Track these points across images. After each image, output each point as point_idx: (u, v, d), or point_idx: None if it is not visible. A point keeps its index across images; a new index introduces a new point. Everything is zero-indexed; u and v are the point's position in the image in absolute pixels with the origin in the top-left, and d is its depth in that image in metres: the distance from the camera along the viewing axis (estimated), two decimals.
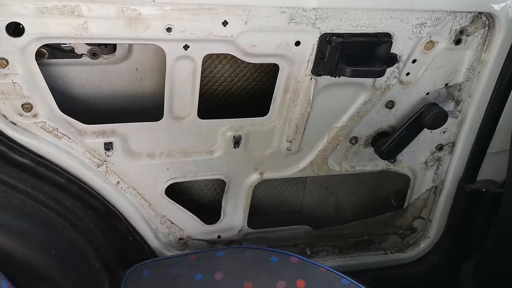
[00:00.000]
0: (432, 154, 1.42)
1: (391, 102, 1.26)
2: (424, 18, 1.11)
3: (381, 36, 1.10)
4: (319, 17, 1.05)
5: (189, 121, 1.17)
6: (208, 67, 1.22)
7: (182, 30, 1.00)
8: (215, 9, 0.99)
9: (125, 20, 0.96)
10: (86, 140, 1.12)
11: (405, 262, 1.62)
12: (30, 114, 1.04)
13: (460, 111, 1.32)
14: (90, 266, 1.10)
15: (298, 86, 1.16)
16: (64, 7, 0.91)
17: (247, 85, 1.28)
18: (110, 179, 1.19)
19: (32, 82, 1.00)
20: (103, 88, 1.18)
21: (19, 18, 0.91)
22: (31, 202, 1.02)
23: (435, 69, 1.22)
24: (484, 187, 1.44)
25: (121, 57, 1.15)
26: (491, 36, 1.18)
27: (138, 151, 1.19)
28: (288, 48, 1.09)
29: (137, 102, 1.22)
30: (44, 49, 1.02)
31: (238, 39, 1.04)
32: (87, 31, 0.95)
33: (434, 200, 1.52)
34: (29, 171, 1.06)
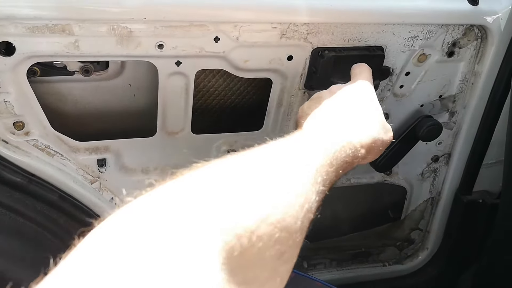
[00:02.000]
0: (428, 165, 1.42)
1: (385, 114, 1.25)
2: (416, 32, 1.11)
3: (374, 50, 1.10)
4: (311, 31, 1.05)
5: (183, 136, 1.17)
6: (202, 82, 1.22)
7: (173, 47, 1.00)
8: (206, 25, 0.99)
9: (116, 38, 0.96)
10: (79, 157, 1.12)
11: (404, 273, 1.62)
12: (22, 132, 1.04)
13: (455, 123, 1.32)
14: None
15: (292, 100, 1.16)
16: (55, 26, 0.92)
17: (241, 99, 1.28)
18: (104, 196, 1.18)
19: (24, 101, 1.00)
20: (96, 104, 1.18)
21: (10, 37, 0.91)
22: (23, 221, 1.01)
23: (428, 81, 1.22)
24: (481, 198, 1.43)
25: (114, 74, 1.15)
26: (484, 48, 1.19)
27: (132, 167, 1.19)
28: (281, 62, 1.09)
29: (130, 118, 1.22)
30: (36, 67, 1.01)
31: (230, 54, 1.04)
32: (79, 49, 0.95)
33: (431, 211, 1.52)
34: (21, 189, 1.05)
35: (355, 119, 0.75)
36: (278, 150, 0.61)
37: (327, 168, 0.61)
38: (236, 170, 0.53)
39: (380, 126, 0.78)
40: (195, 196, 0.46)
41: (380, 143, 0.77)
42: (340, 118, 0.75)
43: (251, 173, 0.53)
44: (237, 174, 0.52)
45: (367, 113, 0.79)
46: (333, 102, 0.80)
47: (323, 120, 0.75)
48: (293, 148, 0.62)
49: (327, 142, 0.65)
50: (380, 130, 0.78)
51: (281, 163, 0.57)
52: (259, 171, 0.54)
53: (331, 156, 0.63)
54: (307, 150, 0.62)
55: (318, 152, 0.62)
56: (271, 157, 0.58)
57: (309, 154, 0.61)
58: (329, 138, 0.67)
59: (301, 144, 0.64)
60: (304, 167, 0.58)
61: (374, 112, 0.80)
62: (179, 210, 0.43)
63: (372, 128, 0.76)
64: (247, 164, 0.55)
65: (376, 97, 0.85)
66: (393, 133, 1.27)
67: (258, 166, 0.55)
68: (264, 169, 0.54)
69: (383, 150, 0.79)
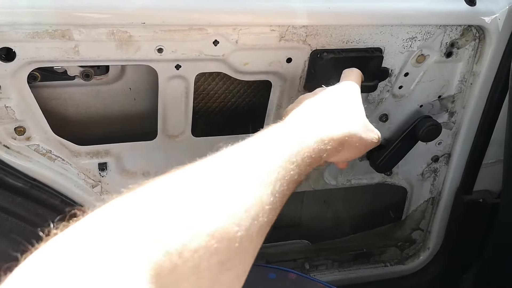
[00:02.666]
0: (428, 165, 1.42)
1: (384, 115, 1.26)
2: (414, 33, 1.12)
3: (372, 51, 1.11)
4: (310, 34, 1.05)
5: (183, 139, 1.18)
6: (202, 85, 1.22)
7: (173, 51, 1.01)
8: (205, 29, 0.99)
9: (116, 43, 0.96)
10: (80, 161, 1.12)
11: (405, 274, 1.62)
12: (23, 137, 1.04)
13: (454, 123, 1.33)
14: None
15: (291, 102, 1.16)
16: (55, 31, 0.92)
17: (241, 101, 1.29)
18: (106, 200, 1.18)
19: (24, 106, 1.01)
20: (97, 108, 1.18)
21: (10, 43, 0.92)
22: (25, 225, 1.02)
23: (427, 82, 1.23)
24: (481, 198, 1.43)
25: (114, 78, 1.15)
26: (482, 48, 1.19)
27: (133, 171, 1.19)
28: (280, 65, 1.09)
29: (131, 122, 1.22)
30: (37, 72, 1.02)
31: (229, 57, 1.05)
32: (79, 54, 0.96)
33: (432, 211, 1.52)
34: (22, 194, 1.06)
35: (329, 115, 0.76)
36: (238, 152, 0.61)
37: (288, 165, 0.60)
38: (183, 181, 0.53)
39: (360, 124, 0.78)
40: (128, 215, 0.45)
41: (358, 140, 0.76)
42: (313, 115, 0.75)
43: (196, 183, 0.52)
44: (182, 186, 0.51)
45: (344, 110, 0.79)
46: (312, 101, 0.81)
47: (294, 118, 0.75)
48: (254, 149, 0.62)
49: (292, 139, 0.65)
50: (359, 127, 0.77)
51: (234, 167, 0.57)
52: (206, 179, 0.53)
53: (294, 153, 0.62)
54: (267, 150, 0.61)
55: (279, 151, 0.62)
56: (227, 161, 0.58)
57: (268, 153, 0.61)
58: (294, 134, 0.66)
59: (264, 143, 0.64)
60: (258, 168, 0.57)
61: (353, 110, 0.80)
62: (109, 231, 0.43)
63: (348, 123, 0.76)
64: (198, 172, 0.55)
65: (360, 99, 0.85)
66: (393, 134, 1.30)
67: (208, 173, 0.55)
68: (213, 177, 0.54)
69: (363, 149, 0.78)
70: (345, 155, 0.76)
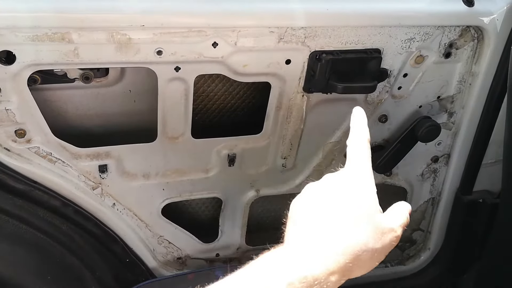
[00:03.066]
0: (428, 166, 1.42)
1: (384, 116, 1.26)
2: (413, 33, 1.12)
3: (371, 52, 1.11)
4: (308, 35, 1.06)
5: (183, 141, 1.18)
6: (201, 87, 1.23)
7: (172, 53, 1.01)
8: (204, 31, 1.00)
9: (115, 45, 0.97)
10: (81, 164, 1.13)
11: (406, 274, 1.62)
12: (24, 140, 1.05)
13: (454, 123, 1.33)
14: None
15: (291, 103, 1.17)
16: (55, 34, 0.92)
17: (240, 103, 1.29)
18: (106, 201, 1.19)
19: (25, 109, 1.01)
20: (97, 111, 1.19)
21: (10, 46, 0.92)
22: (26, 228, 1.02)
23: (426, 83, 1.23)
24: (481, 198, 1.43)
25: (114, 80, 1.16)
26: (481, 48, 1.19)
27: (133, 172, 1.20)
28: (279, 66, 1.09)
29: (131, 124, 1.23)
30: (37, 75, 1.02)
31: (228, 59, 1.05)
32: (78, 57, 0.96)
33: (432, 211, 1.52)
34: (23, 196, 1.06)
35: (330, 237, 0.63)
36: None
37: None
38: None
39: (371, 233, 0.64)
40: None
41: (370, 255, 0.63)
42: (312, 239, 0.63)
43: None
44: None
45: (352, 221, 0.64)
46: (315, 207, 0.67)
47: (294, 242, 0.65)
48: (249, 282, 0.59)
49: (284, 278, 0.59)
50: (370, 238, 0.63)
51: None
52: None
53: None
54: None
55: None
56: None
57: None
58: (288, 273, 0.59)
59: (261, 277, 0.59)
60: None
61: (362, 217, 0.65)
62: None
63: (354, 241, 0.62)
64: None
65: (372, 187, 0.69)
66: (392, 135, 1.30)
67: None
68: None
69: (381, 257, 0.65)
70: (357, 273, 0.64)
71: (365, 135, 0.74)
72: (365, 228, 0.63)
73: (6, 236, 0.99)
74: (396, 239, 0.66)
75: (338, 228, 0.63)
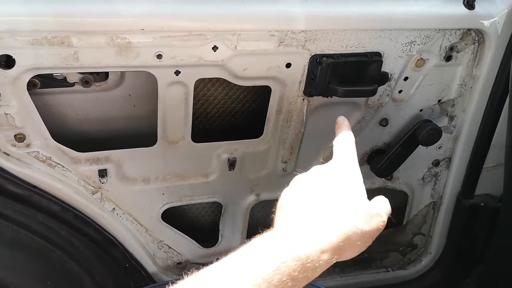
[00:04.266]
0: (429, 169, 1.42)
1: (384, 119, 1.26)
2: (413, 37, 1.12)
3: (371, 56, 1.11)
4: (309, 39, 1.05)
5: (183, 145, 1.17)
6: (201, 91, 1.22)
7: (172, 56, 1.01)
8: (204, 34, 1.00)
9: (115, 49, 0.96)
10: (80, 168, 1.12)
11: (407, 279, 1.61)
12: (23, 144, 1.04)
13: (455, 127, 1.32)
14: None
15: (291, 107, 1.16)
16: (54, 38, 0.92)
17: (240, 107, 1.29)
18: (106, 206, 1.19)
19: (24, 113, 1.01)
20: (96, 115, 1.18)
21: (10, 50, 0.92)
22: (25, 233, 1.02)
23: (427, 86, 1.23)
24: (483, 202, 1.43)
25: (114, 84, 1.15)
26: (482, 51, 1.19)
27: (133, 177, 1.19)
28: (279, 70, 1.09)
29: (131, 128, 1.22)
30: (36, 79, 1.02)
31: (228, 63, 1.05)
32: (78, 61, 0.96)
33: (434, 215, 1.51)
34: (22, 201, 1.06)
35: (320, 219, 0.66)
36: (223, 269, 0.59)
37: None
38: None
39: (359, 216, 0.67)
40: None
41: (359, 237, 0.66)
42: (303, 222, 0.66)
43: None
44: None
45: (341, 204, 0.68)
46: (304, 194, 0.71)
47: (285, 225, 0.68)
48: (238, 265, 0.60)
49: (277, 258, 0.60)
50: (358, 220, 0.67)
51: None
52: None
53: (276, 281, 0.58)
54: (250, 270, 0.58)
55: (255, 279, 0.58)
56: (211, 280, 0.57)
57: (251, 273, 0.58)
58: (280, 253, 0.61)
59: (247, 262, 0.60)
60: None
61: (351, 201, 0.69)
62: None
63: (343, 223, 0.65)
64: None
65: (359, 177, 0.74)
66: (393, 138, 1.29)
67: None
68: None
69: (369, 241, 0.69)
70: (348, 254, 0.67)
71: (351, 136, 0.84)
72: (355, 211, 0.67)
73: (6, 241, 0.99)
74: (382, 224, 0.70)
75: (328, 211, 0.67)
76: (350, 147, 0.80)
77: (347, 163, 0.76)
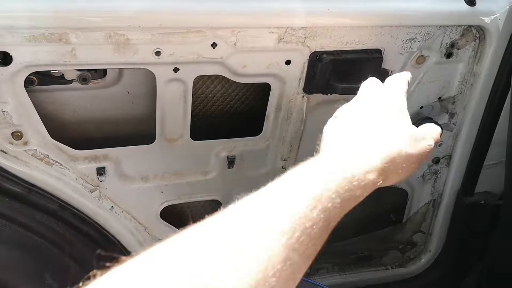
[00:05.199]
0: (429, 167, 1.41)
1: None
2: (414, 33, 1.11)
3: (372, 52, 1.10)
4: (308, 35, 1.05)
5: (182, 143, 1.17)
6: (200, 88, 1.22)
7: (171, 53, 1.00)
8: (203, 31, 0.99)
9: (113, 46, 0.96)
10: (78, 166, 1.11)
11: (407, 277, 1.61)
12: (21, 142, 1.03)
13: (455, 124, 1.32)
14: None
15: (291, 104, 1.16)
16: (52, 35, 0.91)
17: (240, 104, 1.28)
18: (104, 204, 1.18)
19: (22, 110, 1.00)
20: (94, 112, 1.17)
21: (7, 47, 0.91)
22: (23, 231, 1.01)
23: (427, 83, 1.22)
24: (483, 199, 1.43)
25: (112, 81, 1.14)
26: (482, 48, 1.18)
27: (132, 175, 1.18)
28: (279, 67, 1.08)
29: (129, 126, 1.21)
30: (34, 76, 1.01)
31: (228, 60, 1.04)
32: (76, 58, 0.95)
33: (433, 213, 1.51)
34: (20, 199, 1.05)
35: (365, 141, 0.65)
36: (255, 203, 0.56)
37: (309, 213, 0.54)
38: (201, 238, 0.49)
39: (403, 138, 0.67)
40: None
41: (404, 159, 0.65)
42: (347, 145, 0.65)
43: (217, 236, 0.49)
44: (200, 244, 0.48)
45: (386, 128, 0.68)
46: (348, 121, 0.71)
47: (329, 149, 0.67)
48: (273, 196, 0.57)
49: (315, 180, 0.57)
50: (403, 143, 0.66)
51: (253, 221, 0.51)
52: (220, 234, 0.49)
53: (317, 197, 0.55)
54: (289, 202, 0.55)
55: (297, 198, 0.55)
56: (247, 213, 0.54)
57: (292, 203, 0.54)
58: (327, 172, 0.59)
59: (289, 192, 0.57)
60: (273, 222, 0.51)
61: (394, 122, 0.69)
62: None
63: (388, 145, 0.65)
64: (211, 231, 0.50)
65: (405, 103, 0.74)
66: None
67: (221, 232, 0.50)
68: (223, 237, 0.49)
69: (416, 164, 0.68)
70: (394, 179, 0.65)
71: (407, 75, 0.80)
72: (399, 134, 0.67)
73: (3, 239, 0.98)
74: (429, 148, 0.69)
75: (373, 134, 0.66)
76: (401, 80, 0.79)
77: (393, 91, 0.75)
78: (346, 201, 0.58)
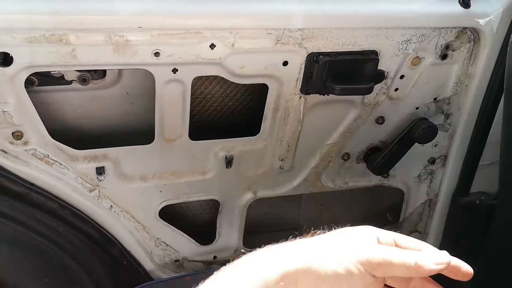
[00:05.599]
0: (425, 167, 1.42)
1: (381, 117, 1.27)
2: (410, 35, 1.13)
3: (368, 54, 1.11)
4: (305, 37, 1.06)
5: (181, 143, 1.18)
6: (199, 88, 1.23)
7: (170, 54, 1.01)
8: (202, 32, 1.00)
9: (113, 47, 0.97)
10: (78, 166, 1.12)
11: None
12: (21, 142, 1.04)
13: (450, 125, 1.33)
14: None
15: (288, 105, 1.17)
16: (52, 36, 0.92)
17: (238, 105, 1.29)
18: (103, 204, 1.19)
19: (22, 111, 1.01)
20: (94, 113, 1.18)
21: (7, 48, 0.92)
22: (23, 230, 1.02)
23: (423, 84, 1.23)
24: (478, 199, 1.44)
25: (112, 82, 1.16)
26: (477, 50, 1.20)
27: (131, 175, 1.19)
28: (276, 68, 1.10)
29: (128, 126, 1.22)
30: (34, 77, 1.02)
31: (226, 61, 1.05)
32: (76, 59, 0.96)
33: (429, 213, 1.52)
34: (20, 198, 1.06)
35: (296, 247, 0.64)
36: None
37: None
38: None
39: (328, 254, 0.62)
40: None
41: (317, 276, 0.61)
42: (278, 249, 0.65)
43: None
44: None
45: (324, 242, 0.64)
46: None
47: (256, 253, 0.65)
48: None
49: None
50: (327, 258, 0.61)
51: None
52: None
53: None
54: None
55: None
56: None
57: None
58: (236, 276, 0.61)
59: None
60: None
61: (336, 242, 0.64)
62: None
63: (309, 254, 0.62)
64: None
65: (365, 236, 0.64)
66: (389, 136, 1.30)
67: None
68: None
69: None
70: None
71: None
72: (325, 251, 0.63)
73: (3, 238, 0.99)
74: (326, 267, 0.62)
75: (297, 249, 0.64)
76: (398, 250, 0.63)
77: (365, 228, 0.67)
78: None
